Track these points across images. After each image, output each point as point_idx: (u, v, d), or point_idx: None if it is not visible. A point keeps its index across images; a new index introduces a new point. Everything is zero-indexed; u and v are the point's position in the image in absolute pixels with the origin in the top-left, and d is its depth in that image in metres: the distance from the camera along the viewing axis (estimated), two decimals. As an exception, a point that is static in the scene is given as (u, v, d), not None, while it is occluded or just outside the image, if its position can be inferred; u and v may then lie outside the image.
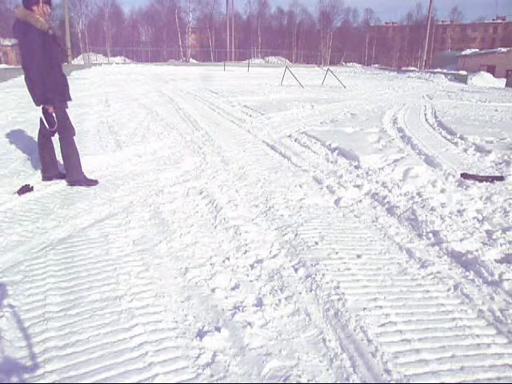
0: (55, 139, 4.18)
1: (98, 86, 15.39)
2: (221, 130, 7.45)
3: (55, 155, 4.31)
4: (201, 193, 4.10)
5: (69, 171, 4.23)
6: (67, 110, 4.13)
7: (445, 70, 30.32)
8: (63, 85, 4.00)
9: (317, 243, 3.04)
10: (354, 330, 2.09)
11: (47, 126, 4.00)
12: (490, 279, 2.58)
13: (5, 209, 3.59)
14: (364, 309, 2.26)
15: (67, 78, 4.13)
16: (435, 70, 31.24)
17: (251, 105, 10.56)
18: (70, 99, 4.12)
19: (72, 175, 4.23)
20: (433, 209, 3.65)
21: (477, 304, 2.33)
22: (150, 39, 59.49)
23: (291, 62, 49.61)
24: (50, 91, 3.82)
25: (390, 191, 4.12)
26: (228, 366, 1.86)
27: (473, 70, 28.63)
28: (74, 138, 4.23)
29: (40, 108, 3.97)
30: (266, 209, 3.72)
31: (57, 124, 4.00)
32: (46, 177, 4.32)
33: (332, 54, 59.62)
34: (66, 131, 4.12)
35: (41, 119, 4.02)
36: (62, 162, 4.27)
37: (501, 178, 4.64)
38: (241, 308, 2.26)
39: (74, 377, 1.78)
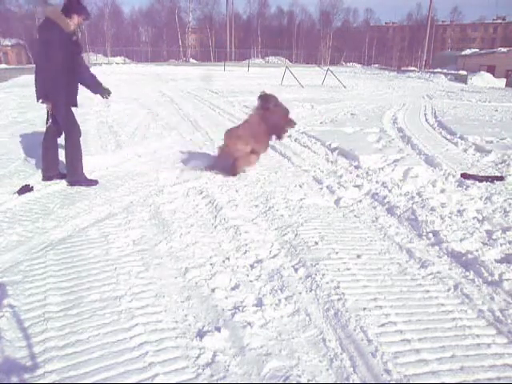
0: (60, 139, 4.22)
1: (98, 85, 15.36)
2: (221, 130, 7.40)
3: (58, 156, 4.34)
4: (201, 193, 4.10)
5: (70, 171, 4.24)
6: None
7: (445, 70, 30.30)
8: (73, 89, 4.03)
9: (317, 243, 3.04)
10: (354, 330, 2.09)
11: (47, 122, 4.05)
12: (490, 279, 2.58)
13: (5, 209, 3.59)
14: (364, 309, 2.26)
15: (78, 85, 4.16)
16: (435, 70, 31.22)
17: (251, 105, 10.53)
18: (75, 105, 4.15)
19: (73, 175, 4.24)
20: (433, 209, 3.65)
21: (477, 304, 2.34)
22: (150, 39, 59.44)
23: (291, 62, 49.53)
24: (55, 90, 3.85)
25: (390, 191, 4.12)
26: (228, 366, 1.86)
27: (473, 70, 28.59)
28: (80, 139, 4.27)
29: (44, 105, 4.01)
30: (265, 209, 3.72)
31: (50, 121, 4.04)
32: (47, 176, 4.33)
33: (332, 54, 59.57)
34: (74, 133, 4.16)
35: (49, 118, 4.04)
36: (64, 162, 4.28)
37: (501, 178, 4.64)
38: (241, 308, 2.26)
39: (73, 377, 1.78)
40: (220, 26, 57.36)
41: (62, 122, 4.06)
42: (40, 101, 3.92)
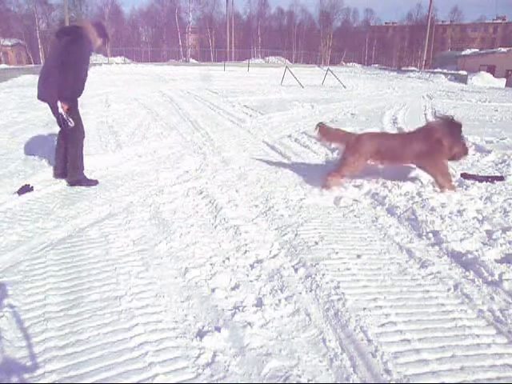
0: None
1: (98, 86, 15.38)
2: (221, 130, 7.45)
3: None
4: (201, 193, 4.11)
5: (70, 171, 4.28)
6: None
7: (445, 70, 30.27)
8: (78, 90, 4.11)
9: (317, 243, 3.04)
10: (354, 330, 2.09)
11: (62, 125, 4.09)
12: (490, 279, 2.58)
13: (5, 209, 3.59)
14: (364, 309, 2.26)
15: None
16: (435, 70, 31.20)
17: (251, 105, 10.56)
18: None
19: (73, 175, 4.27)
20: (433, 209, 3.65)
21: (477, 304, 2.33)
22: (150, 39, 59.44)
23: (291, 62, 49.50)
24: (74, 93, 4.01)
25: (390, 191, 4.12)
26: (228, 366, 1.86)
27: (473, 70, 28.59)
28: (84, 140, 4.33)
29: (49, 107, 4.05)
30: (266, 209, 3.72)
31: (66, 124, 4.07)
32: (57, 174, 4.41)
33: (332, 54, 59.54)
34: (78, 133, 4.21)
35: (67, 119, 4.08)
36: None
37: (501, 178, 4.64)
38: (241, 308, 2.26)
39: (73, 377, 1.78)
40: (220, 26, 57.33)
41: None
42: (59, 103, 3.91)
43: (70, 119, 4.01)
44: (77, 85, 4.01)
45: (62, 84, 3.84)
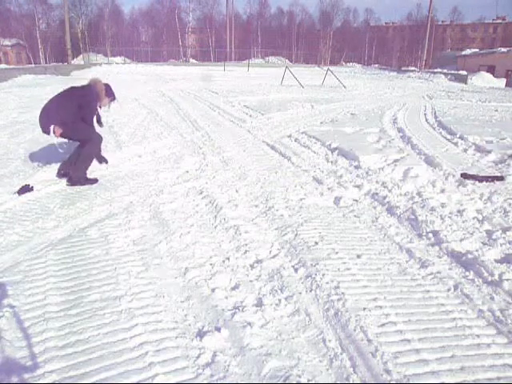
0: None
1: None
2: (221, 130, 7.45)
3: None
4: (201, 193, 4.11)
5: (77, 165, 4.34)
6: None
7: (445, 70, 30.27)
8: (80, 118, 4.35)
9: (317, 243, 3.04)
10: (354, 330, 2.09)
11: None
12: (490, 279, 2.58)
13: (5, 209, 3.59)
14: (364, 309, 2.26)
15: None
16: (435, 70, 31.20)
17: (251, 105, 10.55)
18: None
19: (75, 174, 4.31)
20: (433, 209, 3.65)
21: (477, 304, 2.34)
22: (150, 39, 59.36)
23: (291, 62, 49.54)
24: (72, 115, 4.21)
25: (389, 191, 4.12)
26: (228, 366, 1.86)
27: (473, 70, 28.61)
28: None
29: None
30: (265, 209, 3.72)
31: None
32: (60, 173, 4.46)
33: (332, 54, 59.51)
34: (95, 142, 4.44)
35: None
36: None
37: (501, 178, 4.64)
38: (241, 308, 2.26)
39: (73, 377, 1.78)
40: (220, 25, 57.29)
41: (83, 136, 4.36)
42: (51, 127, 4.08)
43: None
44: (79, 115, 4.27)
45: (67, 108, 4.13)
